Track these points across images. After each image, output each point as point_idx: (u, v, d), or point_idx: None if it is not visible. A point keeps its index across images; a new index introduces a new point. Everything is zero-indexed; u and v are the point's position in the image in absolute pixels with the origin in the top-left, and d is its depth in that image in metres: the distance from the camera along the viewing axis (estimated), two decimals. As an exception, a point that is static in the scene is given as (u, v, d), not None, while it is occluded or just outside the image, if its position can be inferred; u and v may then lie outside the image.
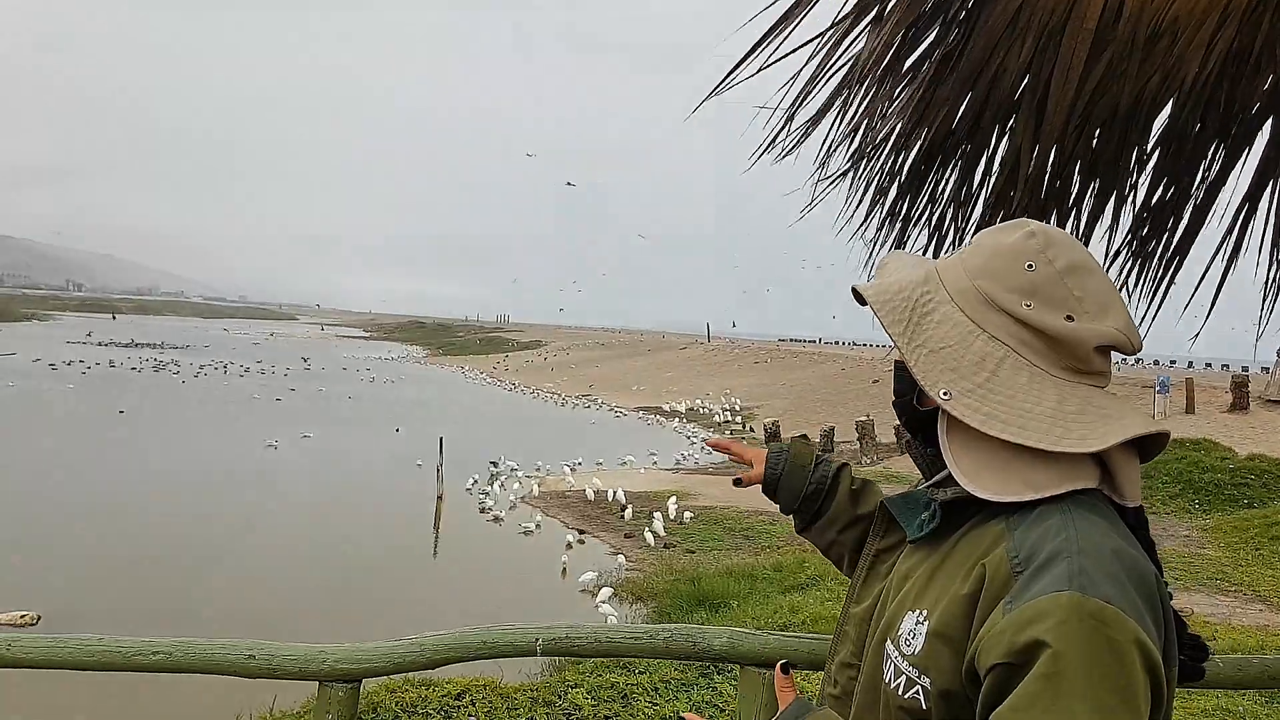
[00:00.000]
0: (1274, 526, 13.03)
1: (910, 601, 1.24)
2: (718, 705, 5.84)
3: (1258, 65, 2.39)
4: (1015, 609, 1.07)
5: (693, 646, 1.74)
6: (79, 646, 1.70)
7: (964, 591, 1.16)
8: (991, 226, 1.34)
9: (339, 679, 1.67)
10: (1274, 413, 22.45)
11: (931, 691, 1.16)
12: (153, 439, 27.92)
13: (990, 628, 1.08)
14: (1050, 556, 1.10)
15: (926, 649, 1.17)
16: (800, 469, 1.73)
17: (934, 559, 1.27)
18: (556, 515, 19.40)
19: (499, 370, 73.28)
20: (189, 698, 7.57)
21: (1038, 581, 1.08)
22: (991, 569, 1.14)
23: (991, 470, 1.21)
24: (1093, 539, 1.12)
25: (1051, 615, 1.03)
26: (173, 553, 15.40)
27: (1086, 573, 1.06)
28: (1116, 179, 2.75)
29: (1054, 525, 1.14)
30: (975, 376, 1.22)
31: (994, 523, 1.21)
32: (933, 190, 2.71)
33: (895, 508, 1.39)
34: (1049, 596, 1.05)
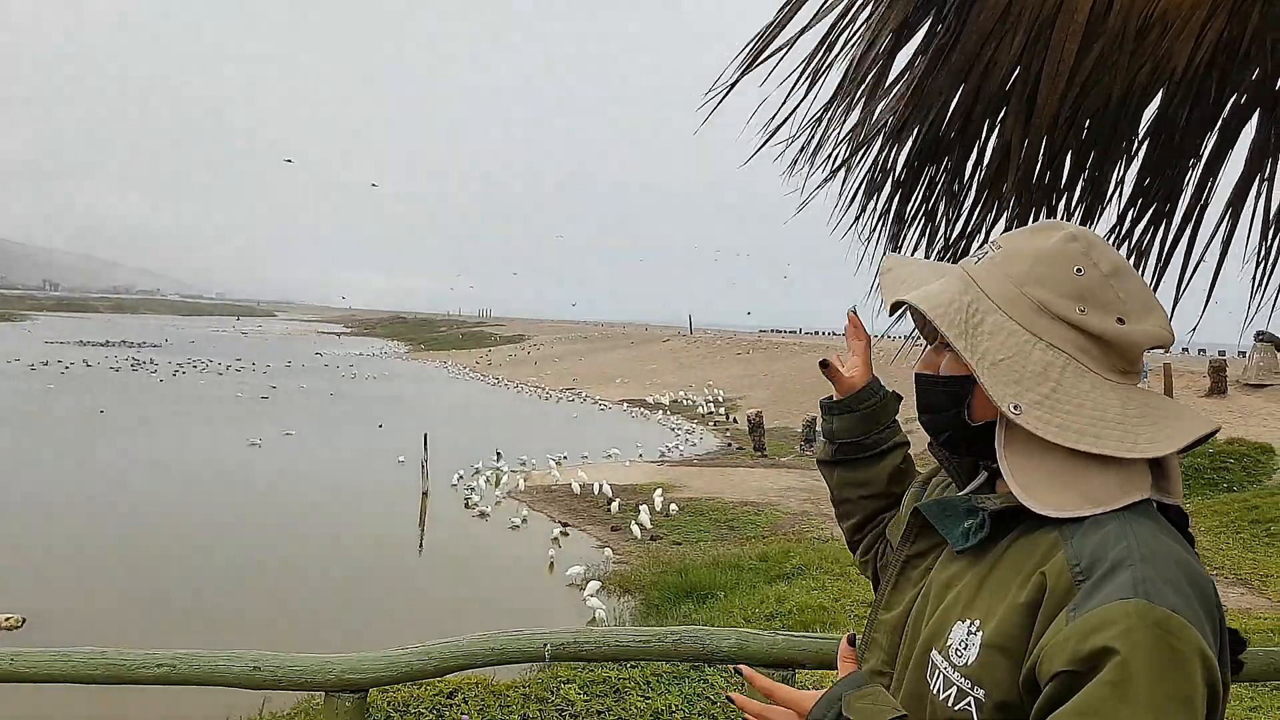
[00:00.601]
0: (1254, 510, 13.16)
1: (958, 611, 1.22)
2: (709, 698, 5.85)
3: (1246, 56, 2.40)
4: (1080, 616, 1.05)
5: (701, 648, 1.74)
6: (83, 660, 1.67)
7: (1022, 600, 1.14)
8: (1018, 230, 1.31)
9: (345, 689, 1.65)
10: (1252, 397, 22.67)
11: (986, 704, 1.15)
12: (135, 438, 27.70)
13: (1054, 635, 1.07)
14: (1114, 564, 1.08)
15: (981, 660, 1.16)
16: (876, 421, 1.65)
17: (980, 568, 1.24)
18: (543, 510, 19.39)
19: (482, 365, 73.10)
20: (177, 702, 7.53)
21: (1102, 589, 1.07)
22: (1052, 578, 1.12)
23: (1049, 484, 1.19)
24: (1154, 547, 1.11)
25: (1118, 623, 1.02)
26: (157, 553, 15.31)
27: (1151, 581, 1.06)
28: (1106, 170, 2.76)
29: (1113, 532, 1.13)
30: (1040, 387, 1.20)
31: (1045, 530, 1.19)
32: (926, 184, 2.71)
33: (933, 516, 1.33)
34: (1116, 604, 1.04)
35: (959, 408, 1.28)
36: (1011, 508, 1.22)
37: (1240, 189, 2.70)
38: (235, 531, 16.82)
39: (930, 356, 1.34)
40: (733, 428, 35.06)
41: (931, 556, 1.35)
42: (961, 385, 1.28)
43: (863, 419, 1.64)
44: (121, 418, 32.51)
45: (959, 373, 1.28)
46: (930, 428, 1.33)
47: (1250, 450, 16.39)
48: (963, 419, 1.28)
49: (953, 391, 1.29)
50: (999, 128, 2.59)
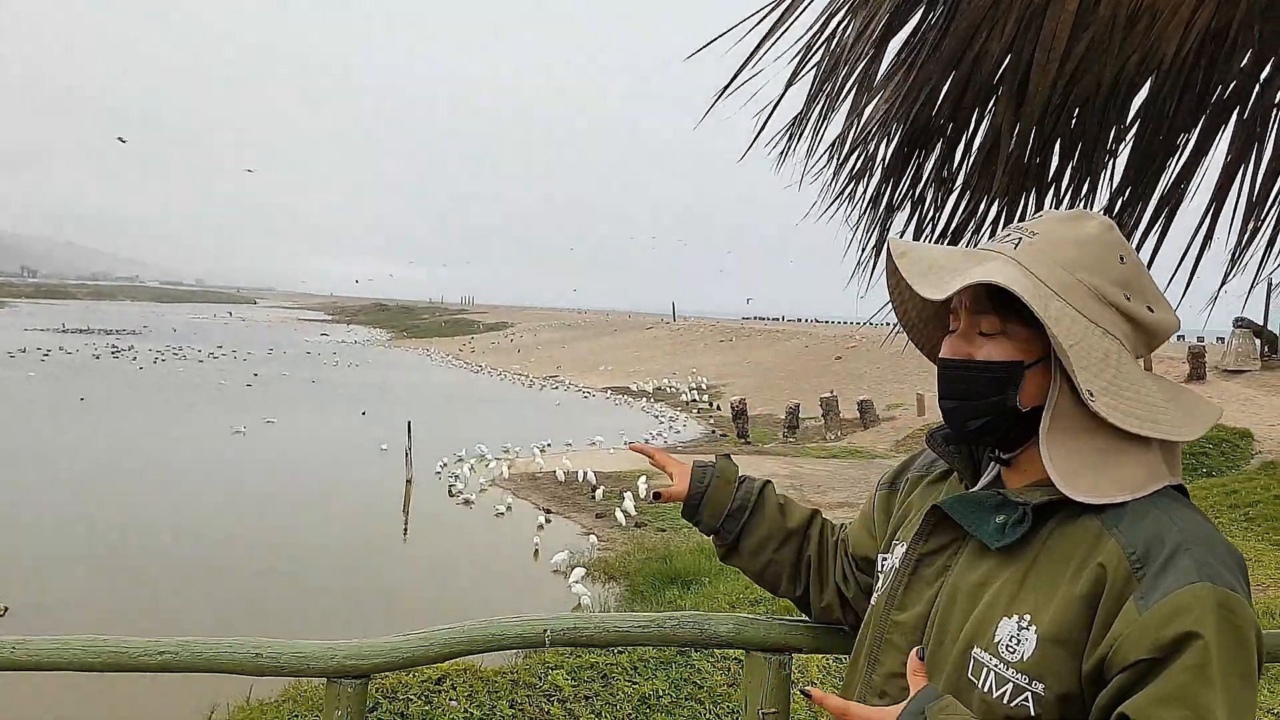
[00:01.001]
0: (1233, 495, 13.30)
1: (1003, 608, 1.22)
2: (695, 682, 5.88)
3: (1234, 45, 2.43)
4: (1154, 604, 1.09)
5: (700, 633, 1.76)
6: (84, 647, 1.67)
7: (1079, 593, 1.16)
8: (1047, 217, 1.31)
9: (348, 675, 1.66)
10: (1231, 383, 22.89)
11: (1045, 697, 1.16)
12: (117, 426, 27.52)
13: (1127, 625, 1.10)
14: (1173, 551, 1.12)
15: (1039, 654, 1.17)
16: (725, 484, 1.69)
17: (1019, 563, 1.24)
18: (527, 497, 19.40)
19: (465, 352, 72.97)
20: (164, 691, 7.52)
21: (1167, 575, 1.10)
22: (1111, 569, 1.14)
23: (1086, 472, 1.21)
24: (1200, 529, 1.16)
25: (1194, 608, 1.07)
26: (141, 542, 15.22)
27: (1210, 564, 1.11)
28: (1095, 157, 2.78)
29: (1160, 519, 1.17)
30: (1105, 374, 1.21)
31: (1085, 520, 1.21)
32: (915, 172, 2.72)
33: (959, 514, 1.31)
34: (1187, 589, 1.08)
35: (1003, 394, 1.26)
36: (1054, 500, 1.22)
37: (1225, 177, 2.72)
38: (215, 520, 16.74)
39: (957, 344, 1.31)
40: (716, 415, 35.17)
41: (947, 554, 1.34)
42: (1012, 371, 1.26)
43: (713, 498, 1.69)
44: (103, 406, 32.28)
45: (1011, 358, 1.26)
46: (962, 415, 1.30)
47: (1229, 435, 16.56)
48: (1010, 405, 1.26)
49: (1001, 378, 1.26)
50: (989, 116, 2.61)
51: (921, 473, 1.54)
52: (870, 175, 2.71)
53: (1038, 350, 1.26)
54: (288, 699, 5.44)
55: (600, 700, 5.50)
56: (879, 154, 2.66)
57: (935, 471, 1.51)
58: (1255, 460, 15.49)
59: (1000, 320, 1.26)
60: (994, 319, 1.26)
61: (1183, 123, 2.69)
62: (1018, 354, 1.26)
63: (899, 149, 2.63)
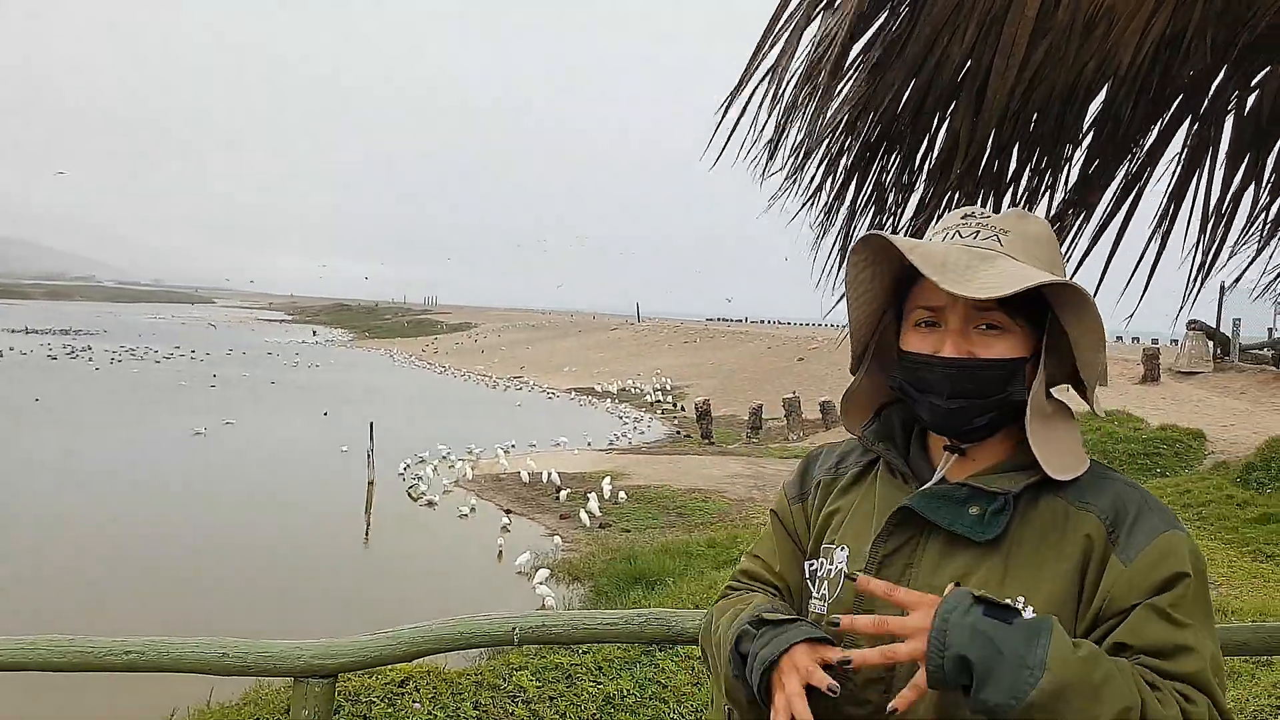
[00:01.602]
0: (1186, 494, 13.53)
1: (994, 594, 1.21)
2: (660, 682, 5.90)
3: (1189, 51, 2.47)
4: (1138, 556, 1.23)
5: (667, 630, 1.77)
6: (50, 647, 1.65)
7: (1069, 566, 1.25)
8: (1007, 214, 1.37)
9: (315, 674, 1.65)
10: (1184, 384, 23.27)
11: None
12: (73, 427, 27.03)
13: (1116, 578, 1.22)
14: (1138, 510, 1.27)
15: None
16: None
17: (998, 551, 1.28)
18: (491, 498, 19.31)
19: (428, 353, 72.51)
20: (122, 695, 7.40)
21: (1139, 531, 1.24)
22: (1095, 537, 1.25)
23: (1062, 453, 1.31)
24: (1146, 492, 1.31)
25: (1176, 551, 1.23)
26: (100, 544, 14.98)
27: (1168, 515, 1.27)
28: (1052, 161, 2.83)
29: (1116, 487, 1.31)
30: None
31: (1047, 500, 1.30)
32: (878, 173, 2.75)
33: (930, 512, 1.31)
34: (1163, 536, 1.24)
35: (1009, 390, 1.31)
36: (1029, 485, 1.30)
37: (1180, 182, 2.78)
38: (176, 522, 16.52)
39: (958, 342, 1.31)
40: (680, 416, 35.21)
41: (907, 552, 1.34)
42: (1020, 366, 1.32)
43: None
44: (59, 406, 31.72)
45: (1017, 354, 1.32)
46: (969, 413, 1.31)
47: (1182, 436, 16.84)
48: (1018, 400, 1.31)
49: (1009, 374, 1.30)
50: (950, 119, 2.64)
51: (829, 476, 1.51)
52: (834, 177, 2.73)
53: (1032, 345, 1.33)
54: (249, 701, 5.39)
55: (565, 701, 5.51)
56: (843, 156, 2.69)
57: (848, 472, 1.49)
58: (1208, 460, 15.75)
59: (1008, 316, 1.30)
60: (1004, 315, 1.30)
61: (1138, 127, 2.74)
62: (1020, 349, 1.32)
63: (862, 152, 2.66)
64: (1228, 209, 2.94)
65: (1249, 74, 2.62)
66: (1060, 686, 1.08)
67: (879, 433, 1.45)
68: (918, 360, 1.33)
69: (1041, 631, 1.12)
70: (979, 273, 1.26)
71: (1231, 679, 6.50)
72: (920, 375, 1.33)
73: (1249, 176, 2.85)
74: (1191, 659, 1.17)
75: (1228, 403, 20.39)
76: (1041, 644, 1.10)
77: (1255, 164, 2.84)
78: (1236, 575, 10.26)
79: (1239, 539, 11.62)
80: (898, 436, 1.45)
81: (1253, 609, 8.53)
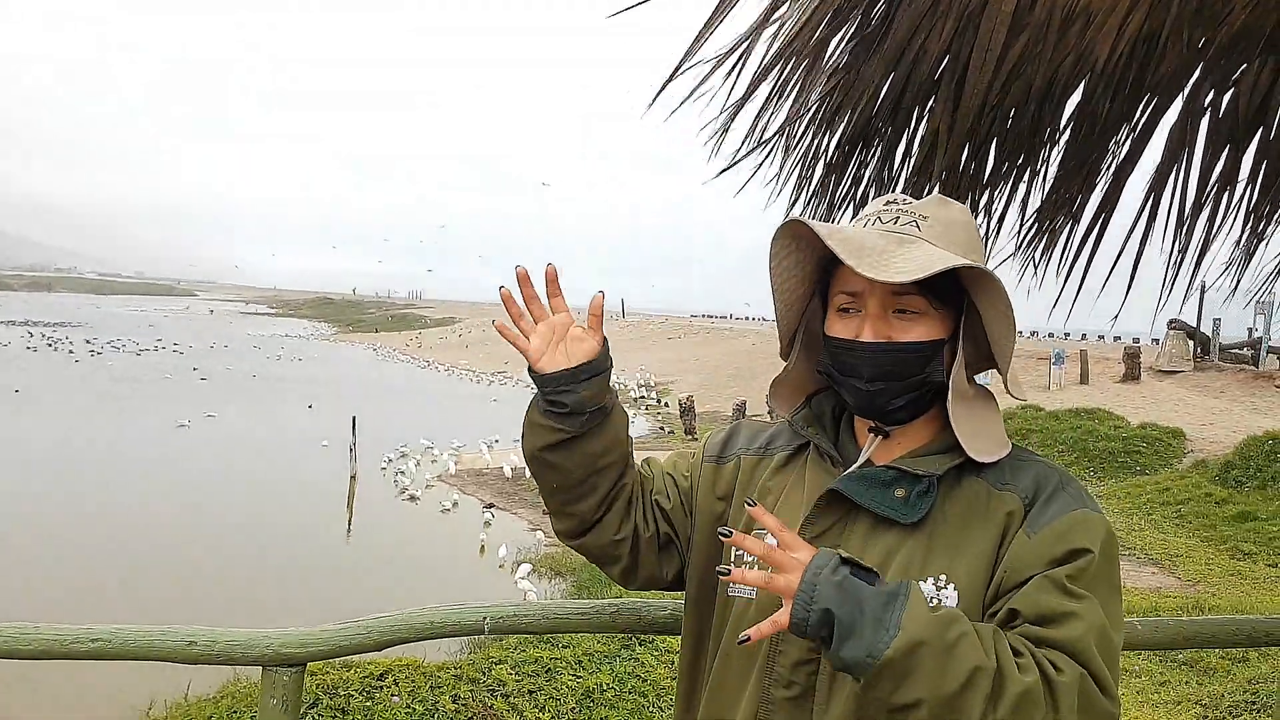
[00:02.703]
0: (1166, 493, 13.64)
1: (917, 573, 1.28)
2: (639, 675, 5.90)
3: (1165, 49, 2.49)
4: (1042, 528, 1.25)
5: (639, 619, 1.77)
6: (15, 635, 1.64)
7: (988, 546, 1.28)
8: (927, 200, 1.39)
9: (283, 664, 1.65)
10: (1164, 383, 23.45)
11: None
12: (53, 418, 26.85)
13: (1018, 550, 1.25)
14: (1055, 488, 1.30)
15: (962, 608, 1.26)
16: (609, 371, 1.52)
17: (921, 531, 1.31)
18: (474, 493, 19.28)
19: (412, 347, 72.25)
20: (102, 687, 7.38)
21: (1051, 506, 1.27)
22: (1015, 516, 1.29)
23: (983, 435, 1.33)
24: (1066, 472, 1.34)
25: (1082, 526, 1.25)
26: (79, 534, 14.90)
27: (1084, 496, 1.30)
28: (1030, 158, 2.84)
29: (1036, 466, 1.34)
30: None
31: (968, 482, 1.33)
32: (856, 170, 2.76)
33: (856, 494, 1.34)
34: (1073, 513, 1.26)
35: (928, 372, 1.33)
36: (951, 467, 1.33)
37: (1158, 180, 2.80)
38: (156, 514, 16.43)
39: (878, 326, 1.32)
40: (664, 411, 35.22)
41: (833, 534, 1.35)
42: (938, 349, 1.34)
43: (605, 378, 1.45)
44: (40, 398, 31.47)
45: (935, 337, 1.34)
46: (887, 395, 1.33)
47: (1162, 434, 16.96)
48: (937, 380, 1.34)
49: (927, 357, 1.33)
50: (928, 115, 2.65)
51: (757, 455, 1.52)
52: (813, 173, 2.74)
53: (949, 328, 1.35)
54: (226, 694, 5.37)
55: (544, 694, 5.50)
56: (821, 152, 2.69)
57: (777, 453, 1.50)
58: (1187, 459, 15.87)
59: (925, 300, 1.32)
60: (921, 299, 1.32)
61: (1116, 125, 2.76)
62: (938, 332, 1.34)
63: (840, 147, 2.67)
64: (1205, 207, 2.97)
65: (1226, 72, 2.64)
66: (913, 644, 1.11)
67: (808, 418, 1.48)
68: (840, 345, 1.36)
69: (900, 593, 1.16)
70: (894, 257, 1.28)
71: (1208, 674, 6.56)
72: (842, 359, 1.35)
73: (1226, 175, 2.87)
74: (1072, 625, 1.17)
75: (1207, 402, 20.56)
76: (899, 604, 1.14)
77: (1232, 162, 2.86)
78: (1214, 573, 10.35)
79: (1217, 536, 11.73)
80: (827, 421, 1.48)
81: (1229, 606, 8.62)
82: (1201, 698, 6.03)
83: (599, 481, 1.46)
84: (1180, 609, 8.48)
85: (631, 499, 1.52)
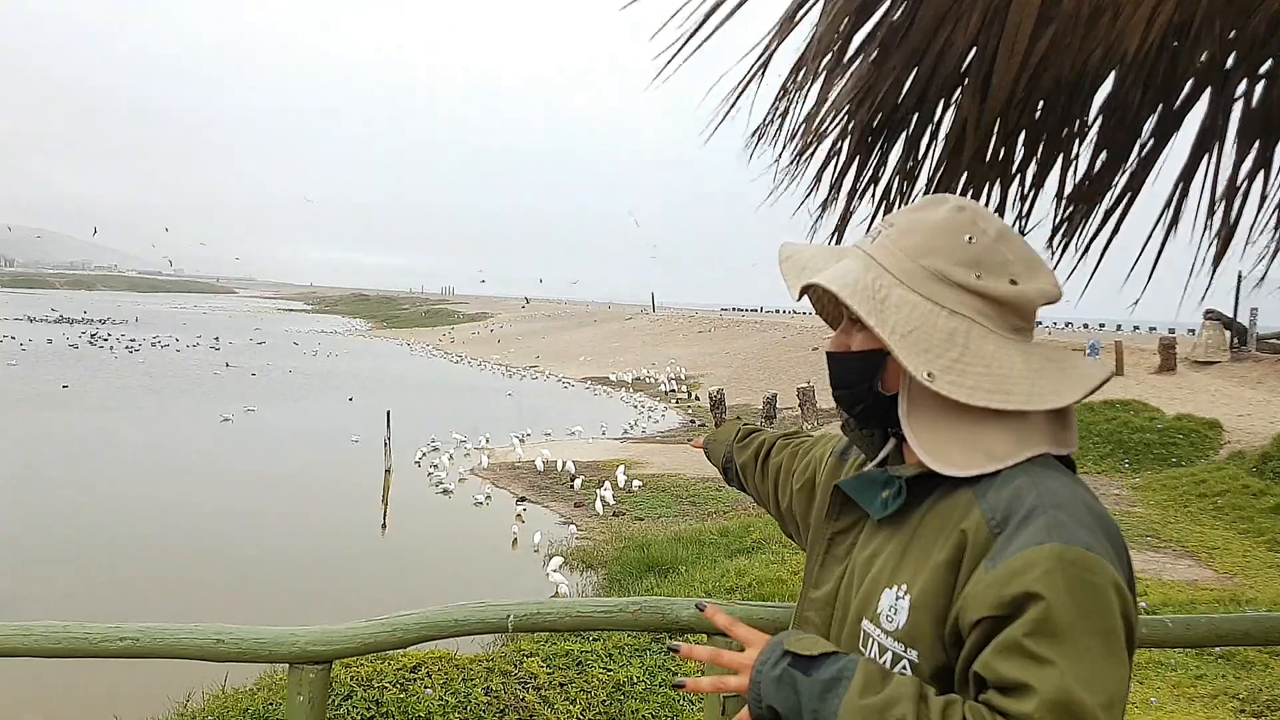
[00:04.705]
0: (1201, 485, 13.46)
1: (885, 579, 1.27)
2: (670, 669, 5.92)
3: (1196, 38, 2.46)
4: (999, 564, 1.12)
5: (662, 618, 1.78)
6: (45, 634, 1.68)
7: (942, 559, 1.20)
8: (908, 207, 1.37)
9: (310, 661, 1.67)
10: (1200, 374, 23.12)
11: (921, 665, 1.20)
12: (101, 415, 27.36)
13: (974, 585, 1.13)
14: (1028, 513, 1.15)
15: (911, 621, 1.21)
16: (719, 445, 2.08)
17: (902, 535, 1.29)
18: (506, 486, 19.40)
19: (444, 342, 72.69)
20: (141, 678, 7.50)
21: (1018, 537, 1.13)
22: (971, 533, 1.18)
23: (953, 446, 1.25)
24: (1062, 493, 1.18)
25: (1037, 566, 1.09)
26: (124, 529, 15.23)
27: (1064, 524, 1.13)
28: (1058, 150, 2.81)
29: (1023, 484, 1.20)
30: (949, 353, 1.25)
31: (960, 492, 1.25)
32: (879, 163, 2.74)
33: (852, 490, 1.39)
34: (1033, 549, 1.11)
35: (871, 381, 1.34)
36: (926, 473, 1.27)
37: (1188, 170, 2.76)
38: (205, 508, 16.71)
39: (840, 337, 1.39)
40: (694, 405, 35.19)
41: (855, 531, 1.40)
42: (874, 359, 1.33)
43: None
44: (86, 394, 32.02)
45: (871, 347, 1.32)
46: (844, 402, 1.39)
47: (1198, 426, 16.74)
48: (876, 391, 1.34)
49: (866, 365, 1.34)
50: (954, 108, 2.63)
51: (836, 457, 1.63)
52: (835, 165, 2.73)
53: None
54: (262, 687, 5.44)
55: (575, 687, 5.54)
56: (844, 144, 2.68)
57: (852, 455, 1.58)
58: (1224, 450, 15.66)
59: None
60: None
61: (1146, 116, 2.73)
62: (877, 343, 1.30)
63: (864, 139, 2.66)
64: (1237, 198, 2.92)
65: (1257, 62, 2.59)
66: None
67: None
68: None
69: (840, 682, 1.15)
70: (816, 274, 1.34)
71: (1245, 668, 6.48)
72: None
73: (1257, 165, 2.83)
74: (1027, 700, 1.05)
75: (1244, 393, 20.25)
76: (837, 694, 1.14)
77: (1264, 153, 2.82)
78: (1251, 565, 10.21)
79: (1254, 529, 11.57)
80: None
81: (1268, 599, 8.50)
82: (1239, 691, 5.96)
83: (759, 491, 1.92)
84: (1217, 602, 8.37)
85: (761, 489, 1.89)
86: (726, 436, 2.01)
